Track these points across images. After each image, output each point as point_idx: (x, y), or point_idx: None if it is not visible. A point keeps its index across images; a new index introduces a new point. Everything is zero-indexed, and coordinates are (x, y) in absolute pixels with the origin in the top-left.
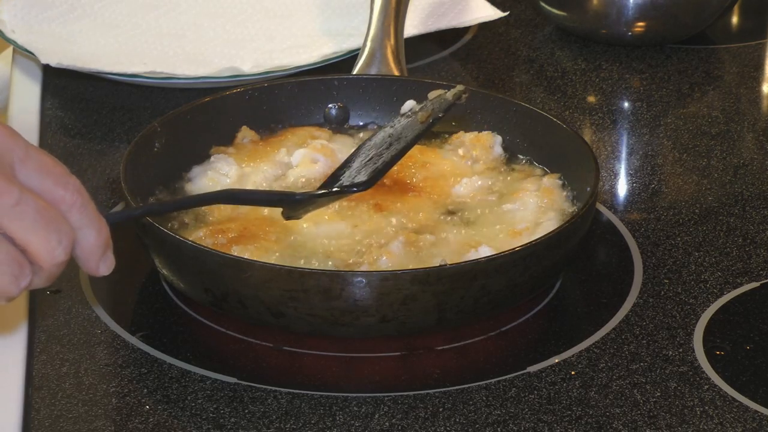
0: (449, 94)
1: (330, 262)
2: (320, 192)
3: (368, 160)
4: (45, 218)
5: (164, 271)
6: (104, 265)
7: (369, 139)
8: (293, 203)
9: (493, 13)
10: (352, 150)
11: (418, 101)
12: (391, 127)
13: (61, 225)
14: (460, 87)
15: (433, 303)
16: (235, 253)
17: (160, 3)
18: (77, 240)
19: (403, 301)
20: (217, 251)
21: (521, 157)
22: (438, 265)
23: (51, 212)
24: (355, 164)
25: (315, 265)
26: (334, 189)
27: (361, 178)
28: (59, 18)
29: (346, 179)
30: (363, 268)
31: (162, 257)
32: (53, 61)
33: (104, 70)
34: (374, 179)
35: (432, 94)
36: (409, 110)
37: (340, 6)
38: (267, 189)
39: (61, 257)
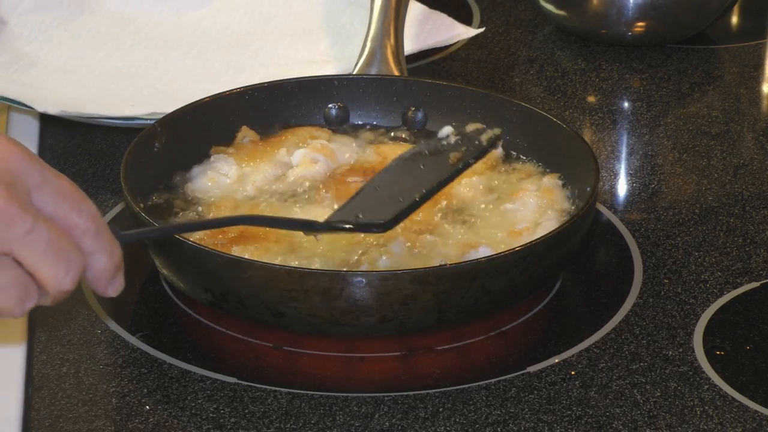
0: (484, 138)
1: (330, 263)
2: (339, 225)
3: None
4: (55, 248)
5: (164, 271)
6: (113, 288)
7: (405, 154)
8: (313, 230)
9: (465, 31)
10: (352, 150)
11: (418, 103)
12: (427, 150)
13: (72, 254)
14: (496, 131)
15: (433, 303)
16: (236, 254)
17: (102, 42)
18: (88, 264)
19: (403, 300)
20: (217, 251)
21: (521, 157)
22: (438, 265)
23: (62, 241)
24: (384, 189)
25: (315, 265)
26: (351, 226)
27: (383, 216)
28: (13, 65)
29: (372, 206)
30: (363, 268)
31: (162, 257)
32: (41, 108)
33: (98, 114)
34: (394, 222)
35: (470, 127)
36: (446, 136)
37: (303, 31)
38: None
39: (67, 286)
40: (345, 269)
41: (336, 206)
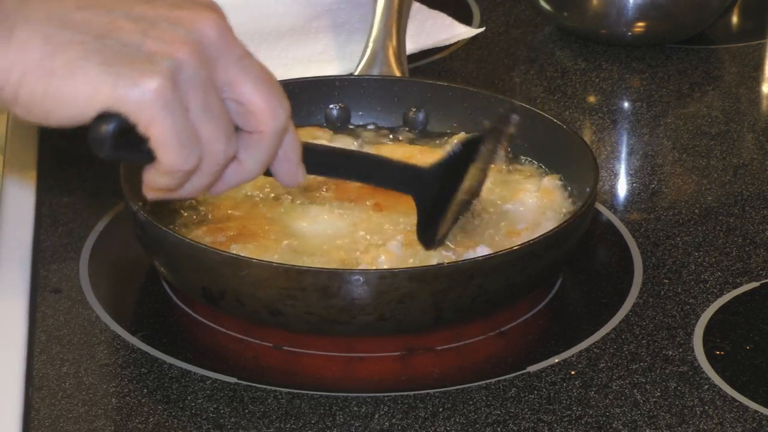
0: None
1: (329, 261)
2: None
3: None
4: (269, 79)
5: (162, 269)
6: (302, 173)
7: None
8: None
9: (465, 31)
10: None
11: (419, 104)
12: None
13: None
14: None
15: (430, 301)
16: (234, 252)
17: None
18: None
19: (400, 299)
20: (214, 249)
21: (521, 157)
22: (435, 263)
23: (274, 80)
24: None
25: (314, 263)
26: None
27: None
28: None
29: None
30: (361, 267)
31: (160, 255)
32: None
33: None
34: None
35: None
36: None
37: (302, 30)
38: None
39: (282, 117)
40: (344, 268)
41: (336, 206)
